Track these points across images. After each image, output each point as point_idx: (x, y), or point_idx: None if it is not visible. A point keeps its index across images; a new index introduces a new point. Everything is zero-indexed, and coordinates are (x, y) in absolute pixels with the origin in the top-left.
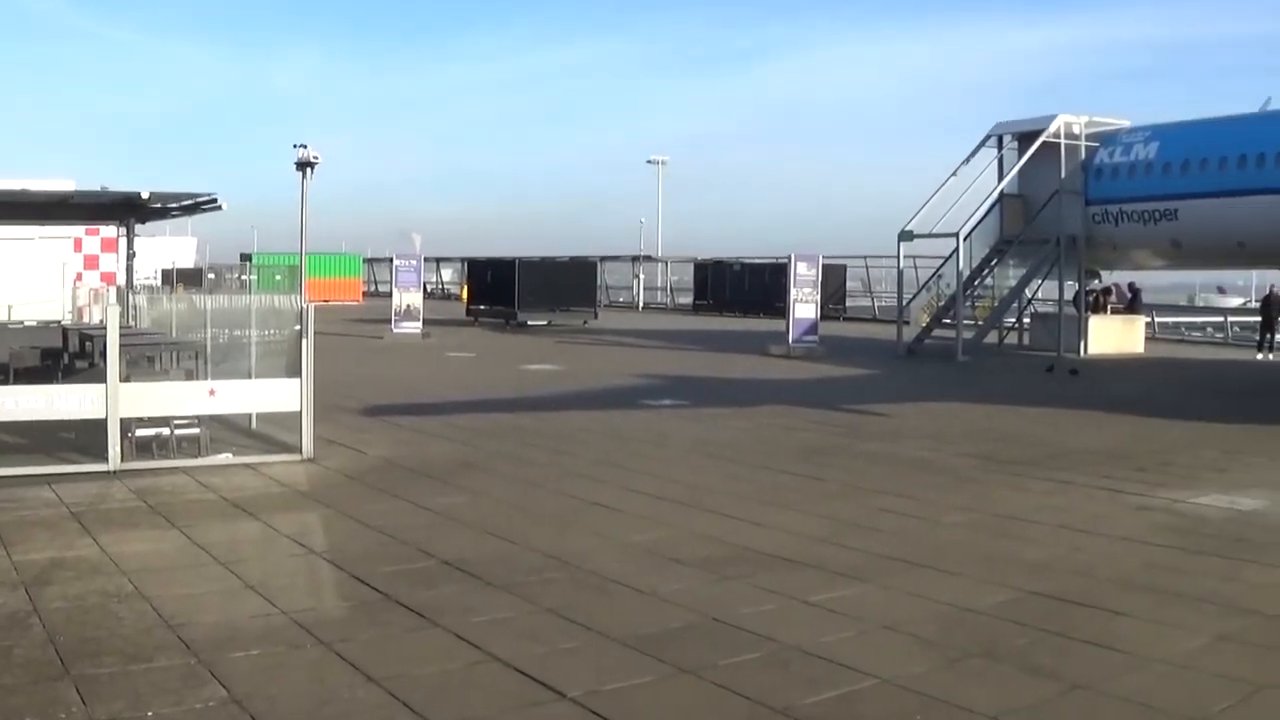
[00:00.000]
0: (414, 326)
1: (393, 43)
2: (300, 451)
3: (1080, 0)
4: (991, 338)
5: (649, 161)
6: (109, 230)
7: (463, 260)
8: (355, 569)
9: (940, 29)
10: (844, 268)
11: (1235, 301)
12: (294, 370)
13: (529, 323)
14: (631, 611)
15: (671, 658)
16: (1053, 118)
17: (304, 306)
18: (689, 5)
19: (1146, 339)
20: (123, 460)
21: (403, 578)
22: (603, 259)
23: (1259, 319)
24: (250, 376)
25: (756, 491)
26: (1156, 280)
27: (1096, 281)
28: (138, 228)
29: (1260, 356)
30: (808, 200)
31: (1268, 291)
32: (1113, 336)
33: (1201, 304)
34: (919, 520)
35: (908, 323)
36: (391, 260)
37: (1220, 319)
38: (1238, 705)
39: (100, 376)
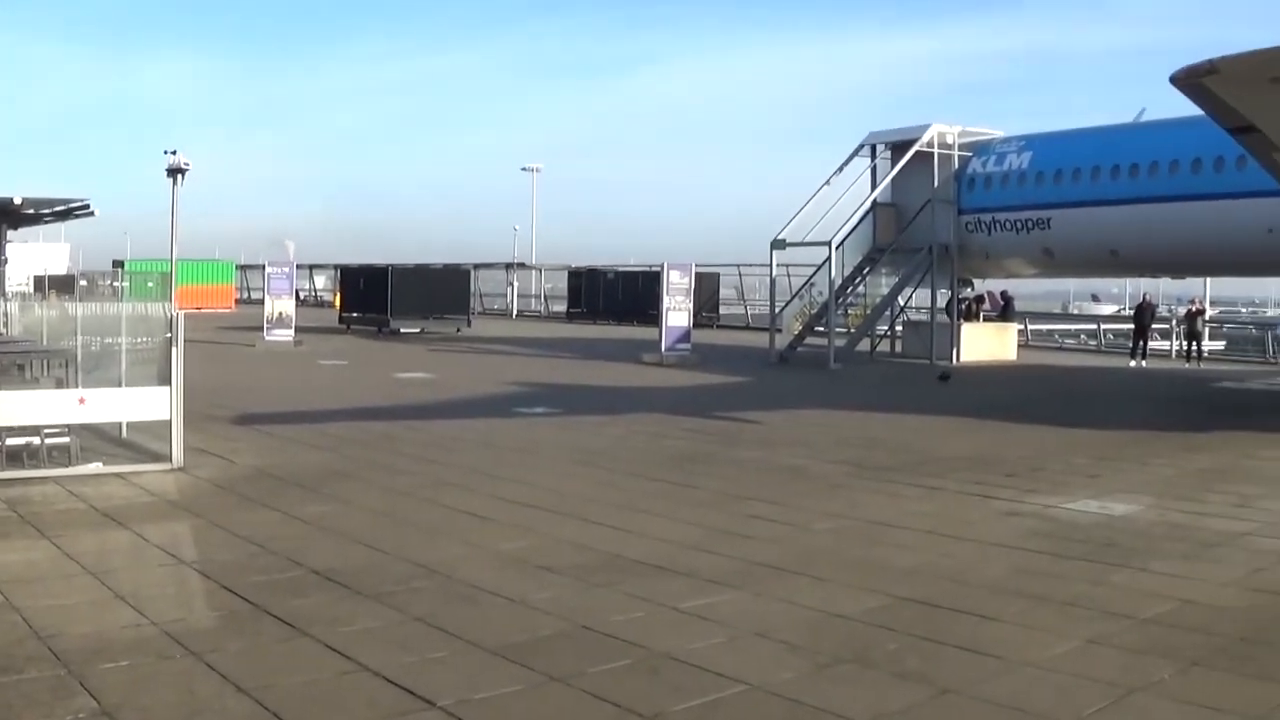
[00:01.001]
0: (287, 334)
1: (267, 48)
2: (170, 460)
3: (955, 12)
4: (864, 345)
5: (524, 169)
6: None
7: (336, 267)
8: (225, 579)
9: (815, 38)
10: (717, 276)
11: (1109, 309)
12: (164, 378)
13: (402, 330)
14: (501, 620)
15: (541, 666)
16: (926, 127)
17: (174, 314)
18: (564, 13)
19: (1020, 346)
20: None
21: (273, 587)
22: (477, 266)
23: (1132, 326)
24: (121, 385)
25: (628, 499)
26: (1031, 288)
27: (969, 290)
28: (10, 234)
29: (1133, 364)
30: (683, 208)
31: (1141, 299)
32: (985, 344)
33: (1076, 311)
34: (790, 527)
35: (780, 331)
36: (264, 267)
37: (1094, 326)
38: (1108, 708)
39: None
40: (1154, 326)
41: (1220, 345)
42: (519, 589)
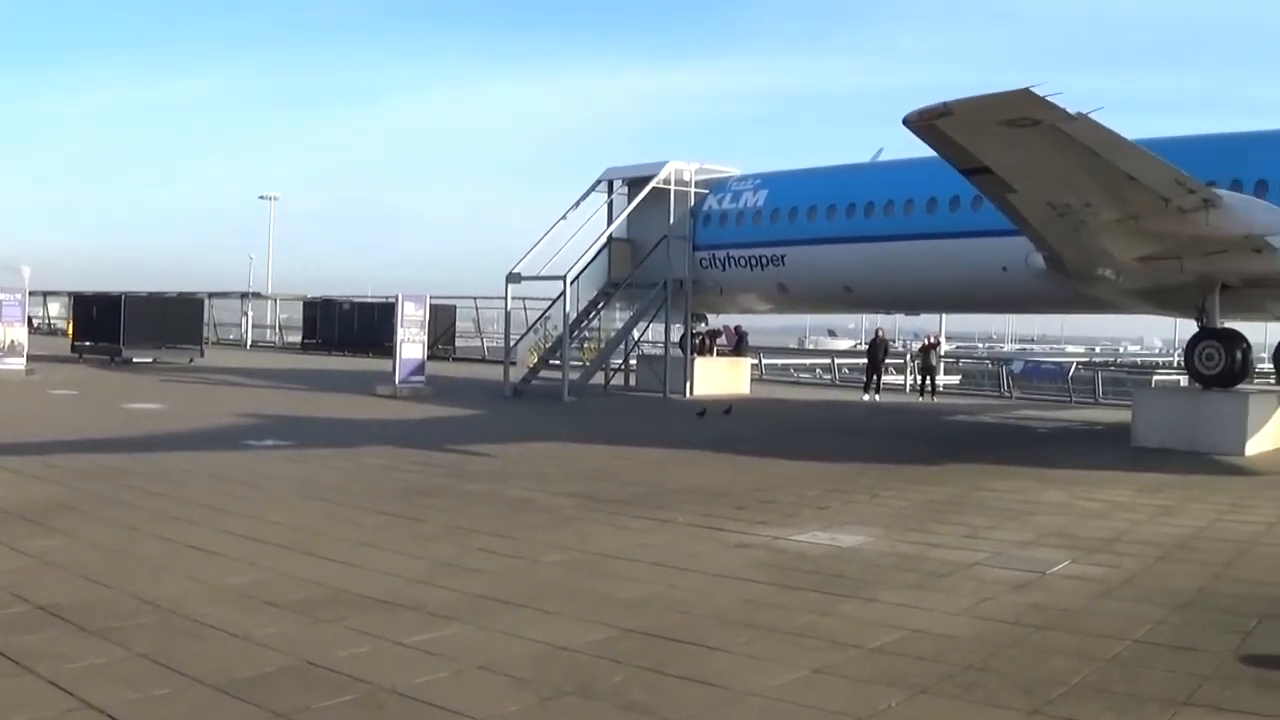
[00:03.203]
0: (17, 362)
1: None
2: None
3: (700, 52)
4: (598, 379)
5: (261, 197)
6: None
7: (70, 294)
8: None
9: (558, 75)
10: (454, 308)
11: (845, 344)
12: None
13: (135, 360)
14: (225, 656)
15: (265, 702)
16: (663, 164)
17: None
18: (308, 42)
19: (754, 380)
20: None
21: None
22: (211, 295)
23: (865, 361)
24: None
25: (356, 533)
26: (768, 323)
27: (703, 324)
28: None
29: (866, 398)
30: (423, 239)
31: (874, 335)
32: (719, 378)
33: (811, 346)
34: (518, 560)
35: (515, 363)
36: None
37: (829, 361)
38: None
39: None
40: (888, 361)
41: (956, 380)
42: (244, 624)
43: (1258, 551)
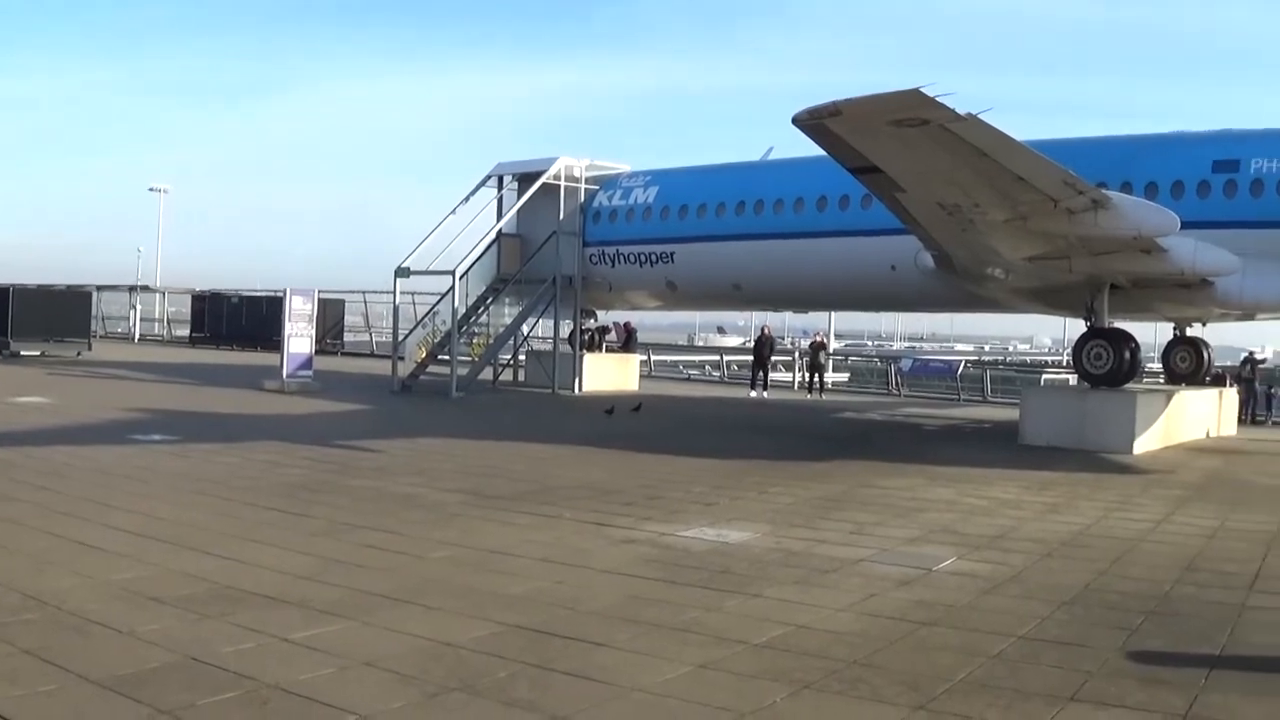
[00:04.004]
0: None
1: None
2: None
3: (592, 49)
4: (487, 374)
5: (151, 189)
6: None
7: None
8: None
9: (450, 71)
10: (343, 302)
11: (734, 341)
12: None
13: (22, 353)
14: (110, 652)
15: (149, 698)
16: (553, 160)
17: None
18: (200, 33)
19: (643, 376)
20: None
21: None
22: (100, 288)
23: (752, 358)
24: None
25: (242, 528)
26: (658, 319)
27: (592, 320)
28: None
29: (753, 394)
30: (315, 233)
31: (759, 332)
32: (608, 374)
33: (701, 343)
34: (403, 556)
35: (403, 359)
36: None
37: (718, 358)
38: None
39: None
40: (776, 359)
41: (845, 377)
42: (129, 620)
43: (1144, 549)
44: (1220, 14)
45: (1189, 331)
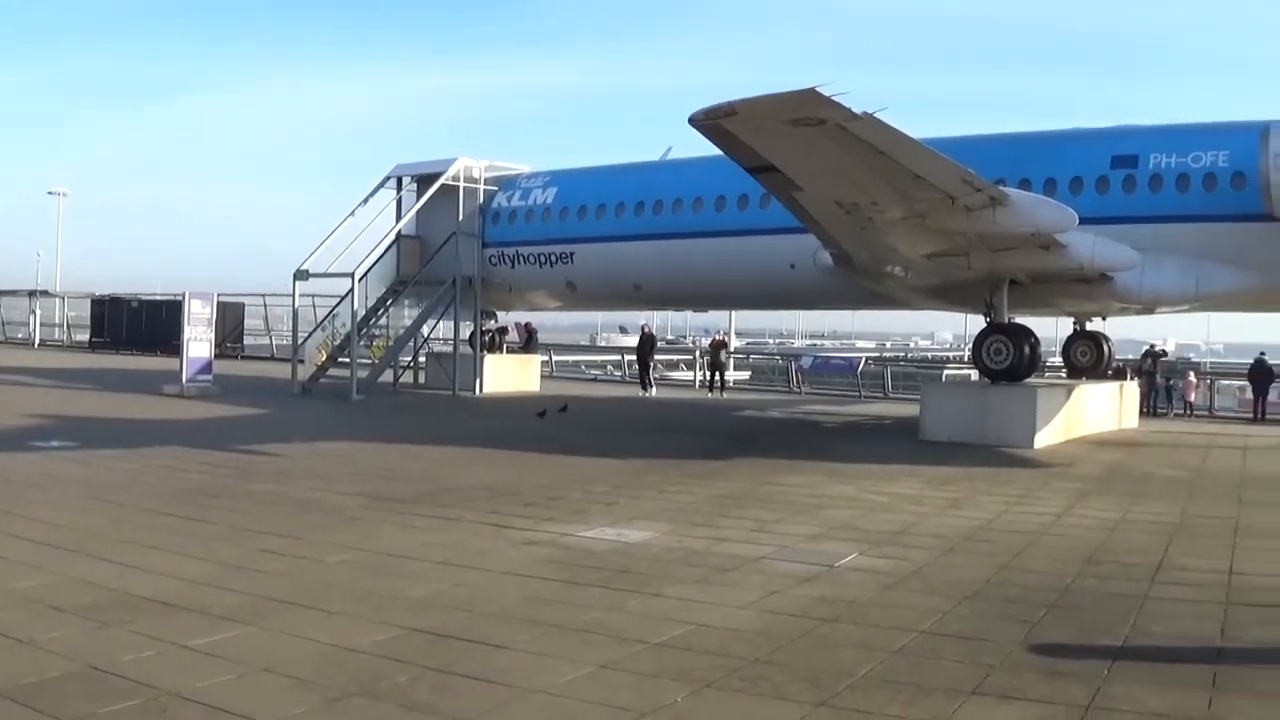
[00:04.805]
0: None
1: None
2: None
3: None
4: (387, 376)
5: (50, 193)
6: None
7: None
8: None
9: (353, 73)
10: (242, 305)
11: (636, 340)
12: None
13: None
14: (9, 661)
15: (50, 708)
16: (452, 161)
17: None
18: (102, 36)
19: (545, 377)
20: None
21: None
22: None
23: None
24: None
25: (142, 535)
26: (559, 320)
27: (492, 321)
28: None
29: (642, 394)
30: (216, 236)
31: (641, 332)
32: (508, 375)
33: (603, 343)
34: (303, 560)
35: (303, 362)
36: None
37: (619, 358)
38: None
39: None
40: (678, 357)
41: (746, 375)
42: (28, 629)
43: (1046, 542)
44: (1122, 11)
45: (1089, 326)
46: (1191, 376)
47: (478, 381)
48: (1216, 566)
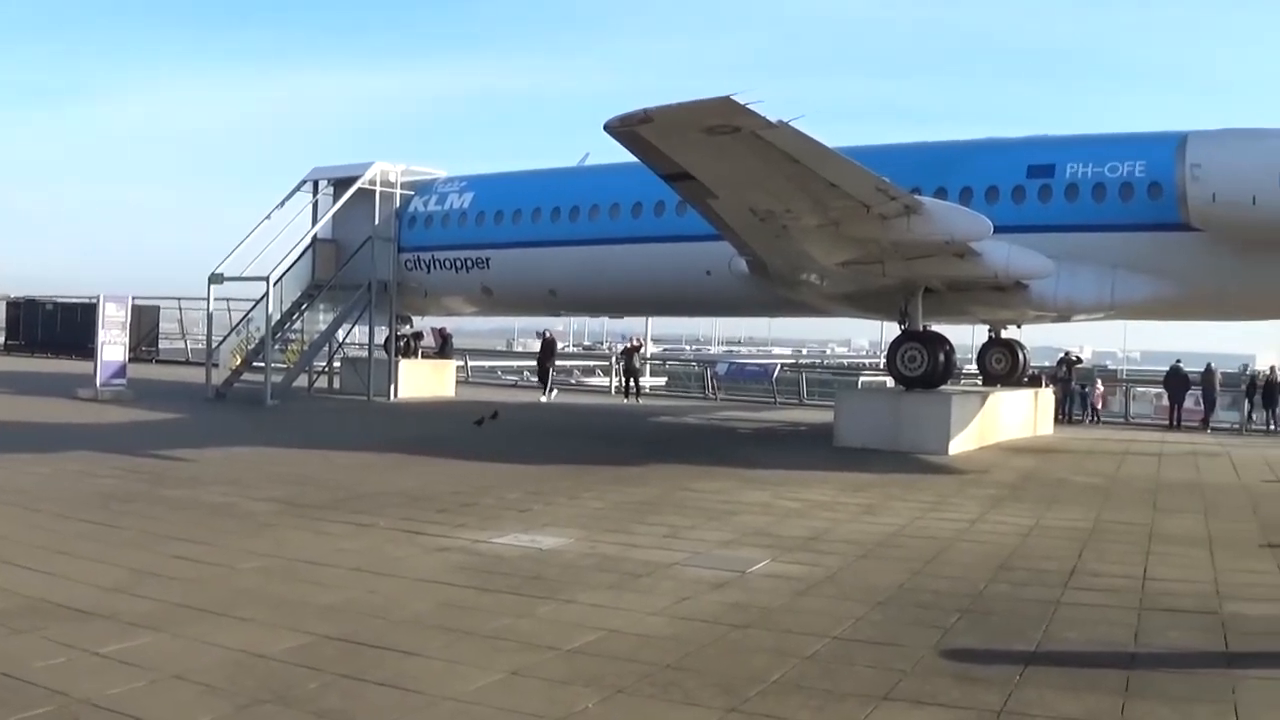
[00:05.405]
0: None
1: None
2: None
3: (411, 54)
4: (302, 381)
5: None
6: None
7: None
8: None
9: (269, 76)
10: (158, 309)
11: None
12: None
13: None
14: None
15: None
16: (369, 165)
17: None
18: (12, 35)
19: (460, 383)
20: None
21: None
22: None
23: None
24: None
25: (54, 541)
26: (477, 325)
27: (408, 326)
28: None
29: (543, 399)
30: (131, 239)
31: (541, 338)
32: (423, 380)
33: (520, 349)
34: (215, 567)
35: (217, 366)
36: None
37: (535, 363)
38: None
39: None
40: (594, 363)
41: (662, 382)
42: None
43: (959, 548)
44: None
45: (1004, 333)
46: (1100, 384)
47: (393, 387)
48: (1130, 572)
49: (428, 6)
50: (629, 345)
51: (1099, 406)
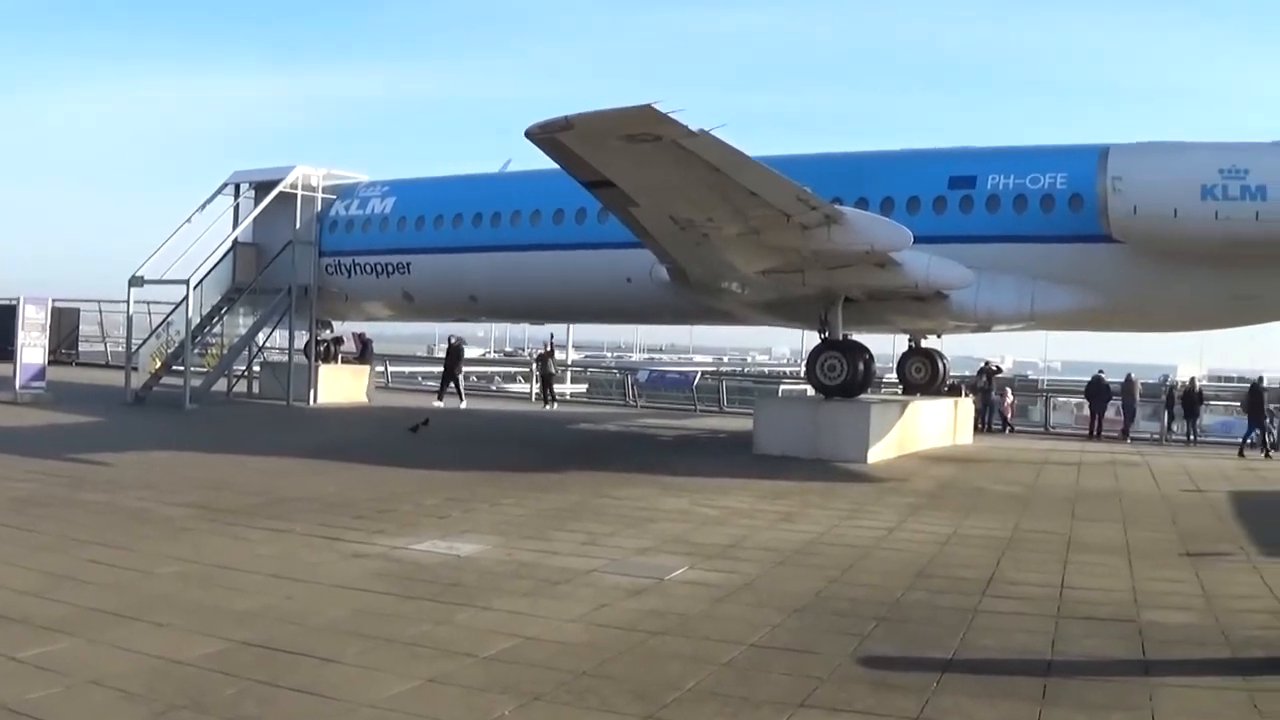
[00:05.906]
0: None
1: None
2: None
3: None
4: (221, 385)
5: None
6: None
7: None
8: None
9: (190, 77)
10: (78, 311)
11: (475, 352)
12: None
13: None
14: None
15: None
16: (290, 168)
17: None
18: None
19: (380, 388)
20: None
21: None
22: None
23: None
24: None
25: None
26: (399, 330)
27: (328, 331)
28: None
29: (437, 404)
30: (50, 240)
31: (448, 342)
32: (343, 386)
33: (441, 355)
34: (131, 572)
35: (137, 369)
36: None
37: None
38: None
39: None
40: (514, 369)
41: (583, 388)
42: None
43: (877, 556)
44: (972, 33)
45: (925, 343)
46: (1010, 394)
47: (312, 392)
48: (1048, 581)
49: (351, 12)
50: (541, 351)
51: (1008, 416)
